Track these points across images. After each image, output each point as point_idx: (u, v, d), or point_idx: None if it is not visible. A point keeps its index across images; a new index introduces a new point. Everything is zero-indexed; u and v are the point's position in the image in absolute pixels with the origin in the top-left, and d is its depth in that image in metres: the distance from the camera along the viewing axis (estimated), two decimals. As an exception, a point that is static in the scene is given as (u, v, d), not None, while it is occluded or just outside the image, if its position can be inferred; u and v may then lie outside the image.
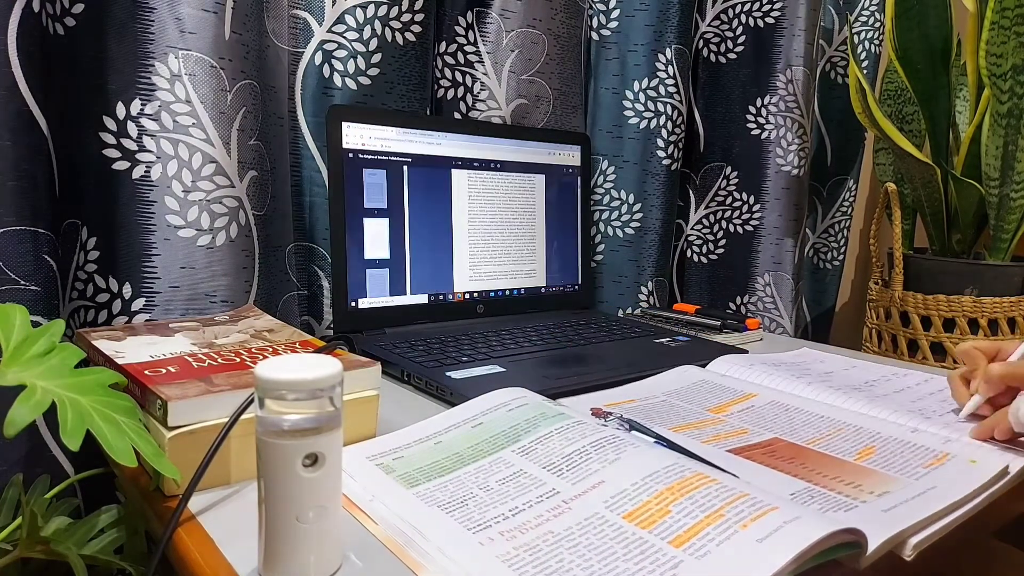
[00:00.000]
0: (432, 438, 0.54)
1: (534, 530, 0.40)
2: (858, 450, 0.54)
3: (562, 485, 0.45)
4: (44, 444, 0.65)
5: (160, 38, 0.69)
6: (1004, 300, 1.12)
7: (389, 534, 0.42)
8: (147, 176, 0.70)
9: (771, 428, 0.59)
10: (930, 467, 0.51)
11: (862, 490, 0.47)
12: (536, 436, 0.51)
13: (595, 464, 0.46)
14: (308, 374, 0.35)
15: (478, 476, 0.47)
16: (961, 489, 0.47)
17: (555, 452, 0.49)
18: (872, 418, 0.61)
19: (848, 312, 1.62)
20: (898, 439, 0.56)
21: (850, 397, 0.66)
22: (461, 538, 0.40)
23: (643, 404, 0.65)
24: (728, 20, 1.22)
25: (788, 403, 0.65)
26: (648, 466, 0.45)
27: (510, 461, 0.49)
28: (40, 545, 0.47)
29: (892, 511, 0.44)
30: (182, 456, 0.45)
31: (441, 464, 0.50)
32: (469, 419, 0.56)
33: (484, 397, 0.59)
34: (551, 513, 0.42)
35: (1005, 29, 1.05)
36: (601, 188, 1.16)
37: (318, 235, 0.91)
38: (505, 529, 0.41)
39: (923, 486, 0.48)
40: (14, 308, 0.46)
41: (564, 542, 0.39)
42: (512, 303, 0.99)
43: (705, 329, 0.97)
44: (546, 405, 0.57)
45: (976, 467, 0.50)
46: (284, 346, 0.62)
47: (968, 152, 1.18)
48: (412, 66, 0.91)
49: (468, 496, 0.45)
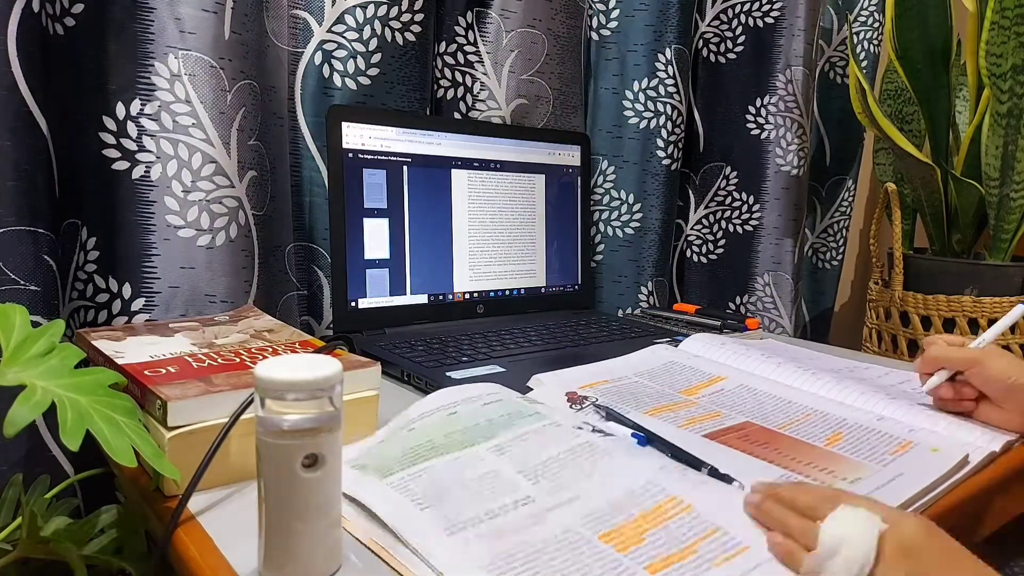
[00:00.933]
0: (406, 426, 0.54)
1: (511, 537, 0.40)
2: (827, 436, 0.56)
3: (537, 493, 0.44)
4: (44, 444, 0.65)
5: (160, 38, 0.69)
6: (1004, 300, 1.12)
7: (371, 536, 0.41)
8: (147, 176, 0.70)
9: (742, 412, 0.61)
10: (896, 454, 0.53)
11: (835, 476, 0.49)
12: (511, 435, 0.51)
13: (570, 475, 0.46)
14: (308, 374, 0.36)
15: (453, 468, 0.47)
16: (928, 476, 0.49)
17: (530, 456, 0.49)
18: (838, 404, 0.63)
19: (848, 312, 1.62)
20: (863, 426, 0.58)
21: (818, 379, 0.67)
22: (438, 539, 0.40)
23: (616, 385, 0.66)
24: (728, 20, 1.22)
25: (757, 387, 0.67)
26: (622, 484, 0.45)
27: (484, 458, 0.49)
28: (40, 545, 0.47)
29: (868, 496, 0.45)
30: (182, 456, 0.45)
31: (415, 451, 0.49)
32: (445, 406, 0.56)
33: (459, 388, 0.59)
34: (527, 522, 0.41)
35: (1005, 29, 1.05)
36: (601, 188, 1.16)
37: (318, 235, 0.91)
38: (482, 532, 0.40)
39: (892, 472, 0.49)
40: (14, 308, 0.46)
41: (542, 555, 0.38)
42: (512, 303, 0.99)
43: (705, 329, 0.97)
44: (521, 403, 0.57)
45: (938, 455, 0.52)
46: (284, 346, 0.62)
47: (968, 152, 1.18)
48: (412, 66, 0.91)
49: (444, 491, 0.44)
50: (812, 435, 0.56)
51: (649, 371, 0.71)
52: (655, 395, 0.65)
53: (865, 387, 0.65)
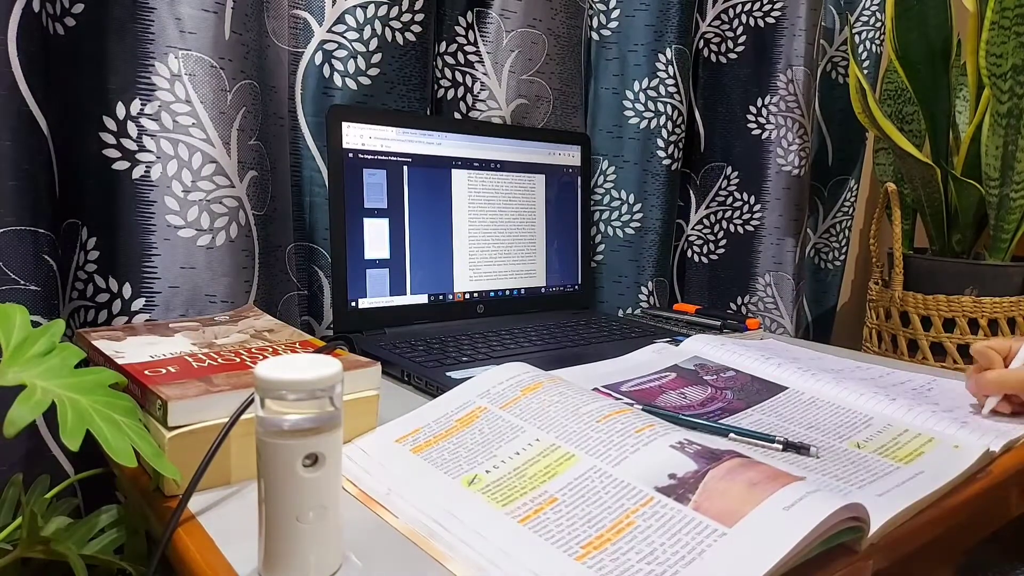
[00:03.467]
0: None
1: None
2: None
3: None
4: (44, 444, 0.65)
5: (160, 38, 0.69)
6: (1004, 300, 1.12)
7: (411, 526, 0.42)
8: (147, 176, 0.70)
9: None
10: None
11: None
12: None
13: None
14: (308, 374, 0.35)
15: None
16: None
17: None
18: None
19: (848, 312, 1.62)
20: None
21: (818, 380, 0.67)
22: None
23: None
24: (728, 20, 1.22)
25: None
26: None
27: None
28: (40, 545, 0.47)
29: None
30: (182, 456, 0.45)
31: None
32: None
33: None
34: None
35: (1005, 29, 1.05)
36: (601, 188, 1.16)
37: (318, 235, 0.91)
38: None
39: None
40: (14, 308, 0.46)
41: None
42: (512, 303, 0.99)
43: (705, 329, 0.97)
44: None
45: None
46: (284, 346, 0.62)
47: (968, 152, 1.18)
48: (412, 66, 0.91)
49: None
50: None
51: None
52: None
53: (867, 386, 0.65)
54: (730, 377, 0.69)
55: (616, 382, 0.67)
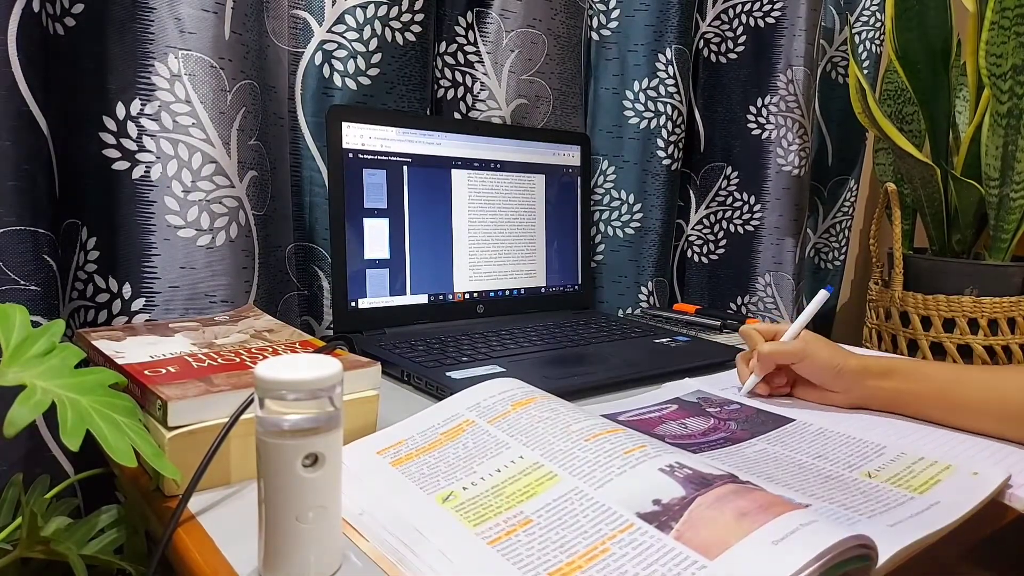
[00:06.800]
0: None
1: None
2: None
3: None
4: (44, 444, 0.65)
5: (160, 38, 0.69)
6: (1004, 300, 1.12)
7: (380, 550, 0.40)
8: (147, 176, 0.70)
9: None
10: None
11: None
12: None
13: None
14: (308, 374, 0.35)
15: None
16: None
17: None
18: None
19: (848, 312, 1.62)
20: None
21: (827, 412, 0.65)
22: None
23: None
24: (728, 20, 1.22)
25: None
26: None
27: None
28: (40, 545, 0.47)
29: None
30: (182, 456, 0.45)
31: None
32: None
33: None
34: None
35: (1005, 29, 1.05)
36: (601, 188, 1.16)
37: (318, 235, 0.91)
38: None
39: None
40: (14, 308, 0.46)
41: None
42: (512, 303, 0.99)
43: (705, 329, 0.97)
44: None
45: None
46: (284, 346, 0.62)
47: (968, 152, 1.18)
48: (412, 66, 0.91)
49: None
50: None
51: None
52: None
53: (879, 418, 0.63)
54: (734, 409, 0.66)
55: (614, 412, 0.64)
